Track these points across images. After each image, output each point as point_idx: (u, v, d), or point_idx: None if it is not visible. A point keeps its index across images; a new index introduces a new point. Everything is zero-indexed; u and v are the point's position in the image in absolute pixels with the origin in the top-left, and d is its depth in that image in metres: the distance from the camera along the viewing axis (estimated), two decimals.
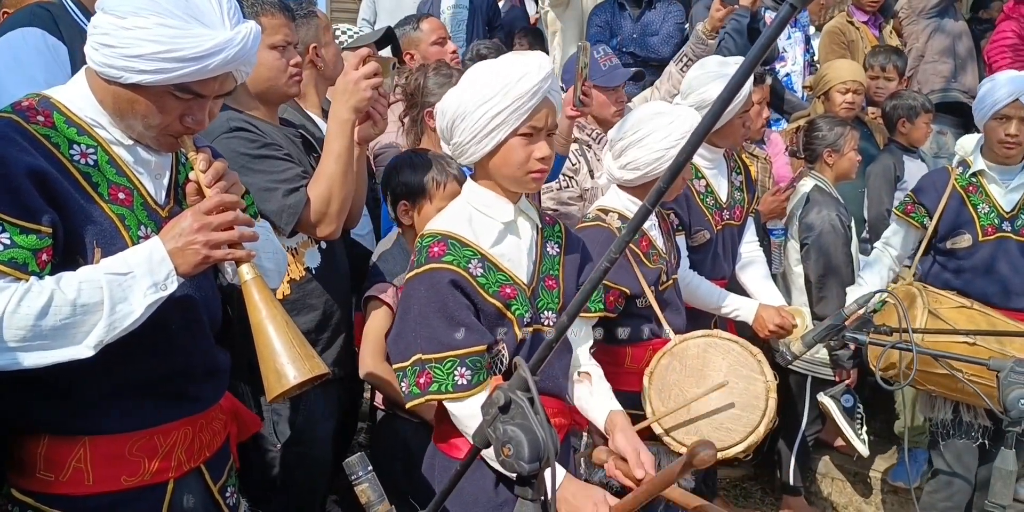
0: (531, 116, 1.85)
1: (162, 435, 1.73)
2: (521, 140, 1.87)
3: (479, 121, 1.84)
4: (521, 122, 1.84)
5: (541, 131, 1.88)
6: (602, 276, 1.19)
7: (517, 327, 1.92)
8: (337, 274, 2.59)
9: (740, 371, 2.37)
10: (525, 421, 1.24)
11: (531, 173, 1.89)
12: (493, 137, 1.85)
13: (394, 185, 2.69)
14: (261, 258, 1.79)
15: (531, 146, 1.87)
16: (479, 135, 1.85)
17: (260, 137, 2.32)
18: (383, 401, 2.73)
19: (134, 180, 1.68)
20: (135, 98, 1.59)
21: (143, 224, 1.67)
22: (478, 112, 1.83)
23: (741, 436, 2.30)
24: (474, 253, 1.89)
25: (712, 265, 3.09)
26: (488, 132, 1.85)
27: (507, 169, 1.89)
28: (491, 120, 1.83)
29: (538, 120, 1.86)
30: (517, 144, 1.87)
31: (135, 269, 1.54)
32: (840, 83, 4.46)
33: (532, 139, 1.87)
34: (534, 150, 1.87)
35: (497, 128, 1.84)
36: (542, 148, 1.88)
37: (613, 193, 2.74)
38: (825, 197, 3.81)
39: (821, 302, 3.70)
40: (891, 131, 4.61)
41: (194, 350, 1.77)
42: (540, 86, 1.83)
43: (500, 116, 1.83)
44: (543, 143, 1.89)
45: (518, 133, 1.86)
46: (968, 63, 5.45)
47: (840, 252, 3.69)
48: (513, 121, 1.83)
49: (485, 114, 1.83)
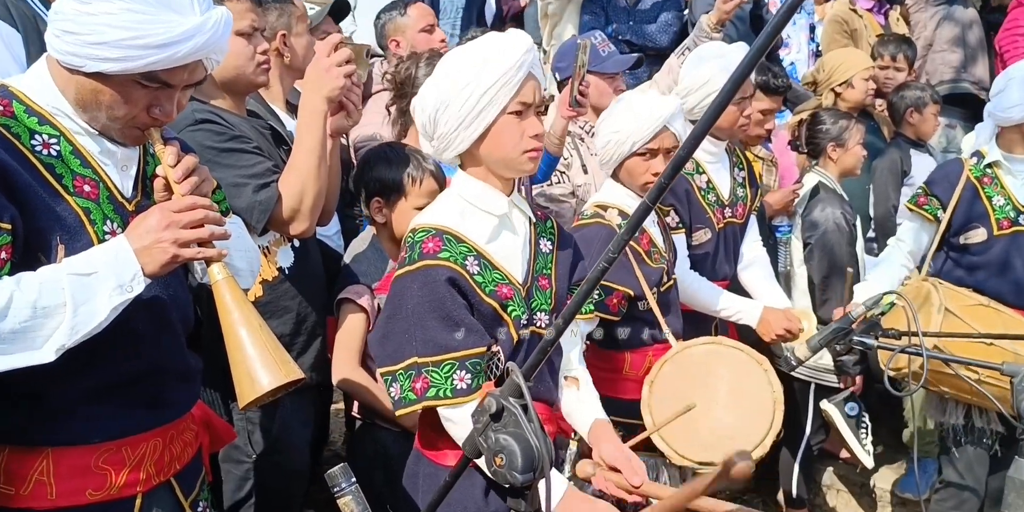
0: (518, 91, 1.84)
1: (131, 446, 1.71)
2: (512, 118, 1.86)
3: (465, 104, 1.83)
4: (510, 98, 1.84)
5: (530, 107, 1.87)
6: (600, 276, 1.19)
7: (513, 329, 1.92)
8: (311, 274, 2.59)
9: (745, 381, 2.37)
10: (518, 429, 1.25)
11: (526, 152, 1.88)
12: (483, 119, 1.84)
13: (367, 180, 2.68)
14: (233, 257, 1.79)
15: (523, 124, 1.87)
16: (467, 119, 1.84)
17: (228, 129, 2.31)
18: (359, 409, 2.73)
19: (100, 172, 1.67)
20: (99, 88, 1.58)
21: (109, 219, 1.66)
22: (462, 95, 1.82)
23: (747, 447, 2.29)
24: (469, 249, 1.88)
25: (713, 265, 3.10)
26: (477, 114, 1.83)
27: (500, 151, 1.88)
28: (478, 101, 1.82)
29: (526, 95, 1.85)
30: (508, 123, 1.86)
31: (99, 269, 1.53)
32: (864, 70, 4.46)
33: (522, 116, 1.87)
34: (526, 128, 1.87)
35: (485, 108, 1.83)
36: (534, 124, 1.88)
37: (609, 188, 2.75)
38: (829, 194, 3.82)
39: (825, 304, 3.71)
40: (898, 124, 4.63)
41: (164, 353, 1.77)
42: (524, 58, 1.83)
43: (487, 95, 1.82)
44: (534, 119, 1.88)
45: (507, 111, 1.85)
46: (979, 53, 5.48)
47: (845, 252, 3.70)
48: (502, 98, 1.83)
49: (471, 96, 1.82)
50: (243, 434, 2.34)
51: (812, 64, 5.41)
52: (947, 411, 3.22)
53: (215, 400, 2.27)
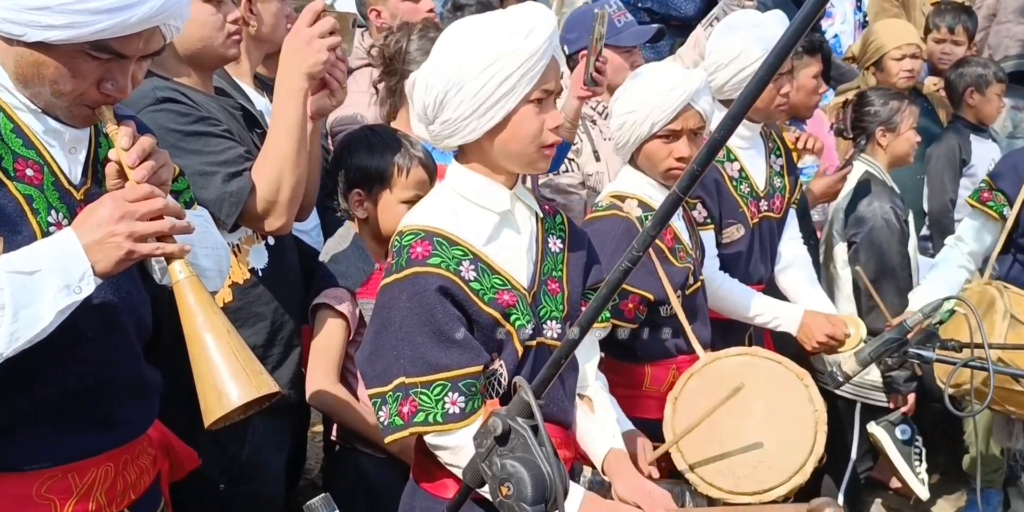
0: (543, 78, 1.86)
1: (78, 473, 1.70)
2: (532, 108, 1.87)
3: (483, 89, 1.83)
4: (533, 85, 1.85)
5: (551, 94, 1.90)
6: (623, 278, 1.19)
7: (517, 341, 1.92)
8: (287, 277, 2.58)
9: (784, 398, 2.37)
10: (527, 454, 1.23)
11: (545, 147, 1.90)
12: (502, 107, 1.85)
13: (346, 169, 2.67)
14: (198, 255, 1.78)
15: (542, 114, 1.89)
16: (484, 106, 1.84)
17: (194, 109, 2.30)
18: (337, 432, 2.72)
19: (44, 154, 1.67)
20: (42, 60, 1.57)
21: (54, 208, 1.65)
22: (480, 78, 1.82)
23: (784, 476, 2.30)
24: (464, 253, 1.89)
25: (747, 266, 3.09)
26: (496, 101, 1.84)
27: (517, 144, 1.89)
28: (498, 86, 1.82)
29: (548, 81, 1.88)
30: (529, 113, 1.87)
31: (43, 266, 1.52)
32: (895, 48, 4.46)
33: (543, 105, 1.89)
34: (546, 118, 1.89)
35: (506, 96, 1.84)
36: (555, 116, 1.90)
37: (627, 175, 2.74)
38: (878, 186, 3.81)
39: (873, 312, 3.69)
40: (956, 106, 4.63)
41: (116, 365, 1.76)
42: (550, 42, 1.84)
43: (509, 80, 1.82)
44: (554, 110, 1.91)
45: (529, 99, 1.86)
46: None
47: (896, 252, 3.69)
48: (525, 85, 1.84)
49: (491, 80, 1.82)
50: (209, 459, 2.32)
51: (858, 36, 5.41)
52: (1015, 434, 3.22)
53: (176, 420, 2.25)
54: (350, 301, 2.61)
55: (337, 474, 2.75)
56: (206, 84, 2.48)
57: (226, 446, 2.41)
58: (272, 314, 2.49)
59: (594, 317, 1.23)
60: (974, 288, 3.19)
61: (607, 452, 2.10)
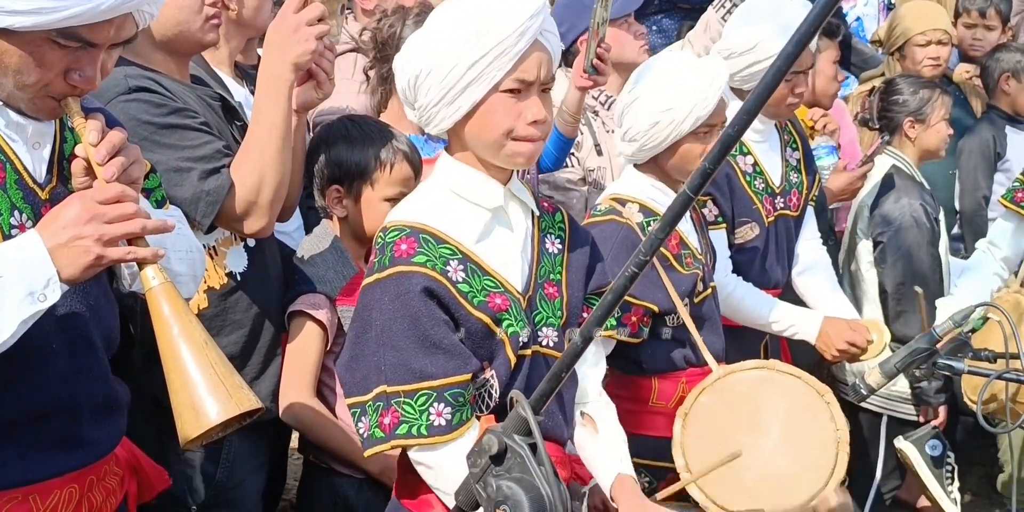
0: (517, 65, 1.84)
1: (40, 494, 1.71)
2: (505, 98, 1.85)
3: (449, 75, 1.83)
4: (504, 74, 1.83)
5: (532, 85, 1.87)
6: (629, 284, 1.20)
7: (510, 349, 1.92)
8: (268, 282, 2.59)
9: (802, 415, 2.37)
10: (525, 475, 1.25)
11: (518, 140, 1.87)
12: (469, 95, 1.84)
13: (324, 163, 2.67)
14: (171, 259, 1.78)
15: (519, 105, 1.86)
16: (450, 93, 1.84)
17: (169, 100, 2.30)
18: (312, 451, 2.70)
19: (6, 150, 1.68)
20: (4, 48, 1.58)
21: (17, 209, 1.66)
22: (446, 63, 1.82)
23: (803, 500, 2.30)
24: (453, 252, 1.89)
25: (762, 268, 3.10)
26: (461, 89, 1.83)
27: (487, 136, 1.88)
28: (464, 73, 1.82)
29: (526, 71, 1.85)
30: (500, 103, 1.86)
31: (5, 272, 1.53)
32: (919, 34, 4.46)
33: (521, 96, 1.87)
34: (522, 110, 1.86)
35: (472, 83, 1.83)
36: (534, 107, 1.87)
37: (630, 176, 2.74)
38: (906, 181, 3.82)
39: (900, 318, 3.70)
40: (990, 94, 4.64)
41: (82, 379, 1.76)
42: (528, 25, 1.82)
43: (476, 67, 1.81)
44: (534, 100, 1.87)
45: (500, 89, 1.85)
46: None
47: (926, 253, 3.70)
48: (493, 73, 1.82)
49: (457, 66, 1.82)
50: (181, 480, 2.33)
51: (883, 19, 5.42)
52: None
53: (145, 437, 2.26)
54: (328, 308, 2.61)
55: (311, 495, 2.75)
56: (181, 72, 2.48)
57: (198, 465, 2.41)
58: (251, 322, 2.49)
59: (597, 325, 1.23)
60: (1007, 295, 3.19)
61: (615, 477, 2.09)
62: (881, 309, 3.81)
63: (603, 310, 1.22)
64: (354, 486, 2.58)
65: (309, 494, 2.78)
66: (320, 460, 2.68)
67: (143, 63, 2.38)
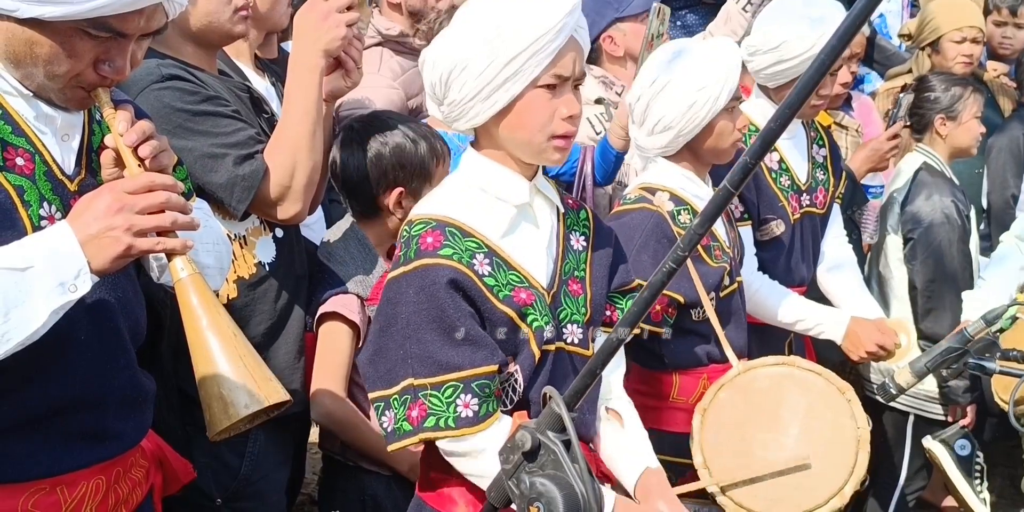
0: (555, 61, 1.84)
1: (67, 486, 1.72)
2: (542, 93, 1.86)
3: (487, 70, 1.83)
4: (543, 69, 1.84)
5: (567, 81, 1.88)
6: (666, 280, 1.20)
7: (534, 344, 1.91)
8: (296, 273, 2.59)
9: (823, 413, 2.37)
10: (559, 472, 1.24)
11: (555, 137, 1.88)
12: (507, 90, 1.84)
13: (389, 166, 2.61)
14: (198, 251, 1.78)
15: (555, 101, 1.87)
16: (487, 89, 1.84)
17: (201, 88, 2.32)
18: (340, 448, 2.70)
19: (36, 141, 1.68)
20: (35, 38, 1.58)
21: (47, 200, 1.66)
22: (484, 58, 1.82)
23: (822, 498, 2.30)
24: (479, 245, 1.89)
25: (787, 266, 3.09)
26: (499, 84, 1.84)
27: (524, 133, 1.88)
28: (503, 68, 1.82)
29: (563, 67, 1.86)
30: (537, 99, 1.86)
31: (36, 263, 1.53)
32: (955, 29, 4.43)
33: (556, 92, 1.87)
34: (559, 106, 1.87)
35: (511, 78, 1.83)
36: (569, 103, 1.88)
37: (659, 166, 2.74)
38: (936, 178, 3.79)
39: (930, 315, 3.68)
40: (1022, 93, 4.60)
41: (110, 371, 1.76)
42: (566, 21, 1.83)
43: (515, 62, 1.82)
44: (571, 96, 1.89)
45: (538, 84, 1.85)
46: None
47: (957, 251, 3.67)
48: (532, 68, 1.83)
49: (495, 61, 1.82)
50: (206, 474, 2.33)
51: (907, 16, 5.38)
52: None
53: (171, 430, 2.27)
54: (360, 310, 2.60)
55: (338, 492, 2.75)
56: (211, 64, 2.49)
57: (224, 458, 2.42)
58: (278, 313, 2.50)
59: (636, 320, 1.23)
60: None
61: (642, 471, 2.08)
62: (910, 306, 3.79)
63: (642, 305, 1.22)
64: (382, 484, 2.59)
65: (333, 490, 2.79)
66: (346, 457, 2.68)
67: (174, 55, 2.39)
